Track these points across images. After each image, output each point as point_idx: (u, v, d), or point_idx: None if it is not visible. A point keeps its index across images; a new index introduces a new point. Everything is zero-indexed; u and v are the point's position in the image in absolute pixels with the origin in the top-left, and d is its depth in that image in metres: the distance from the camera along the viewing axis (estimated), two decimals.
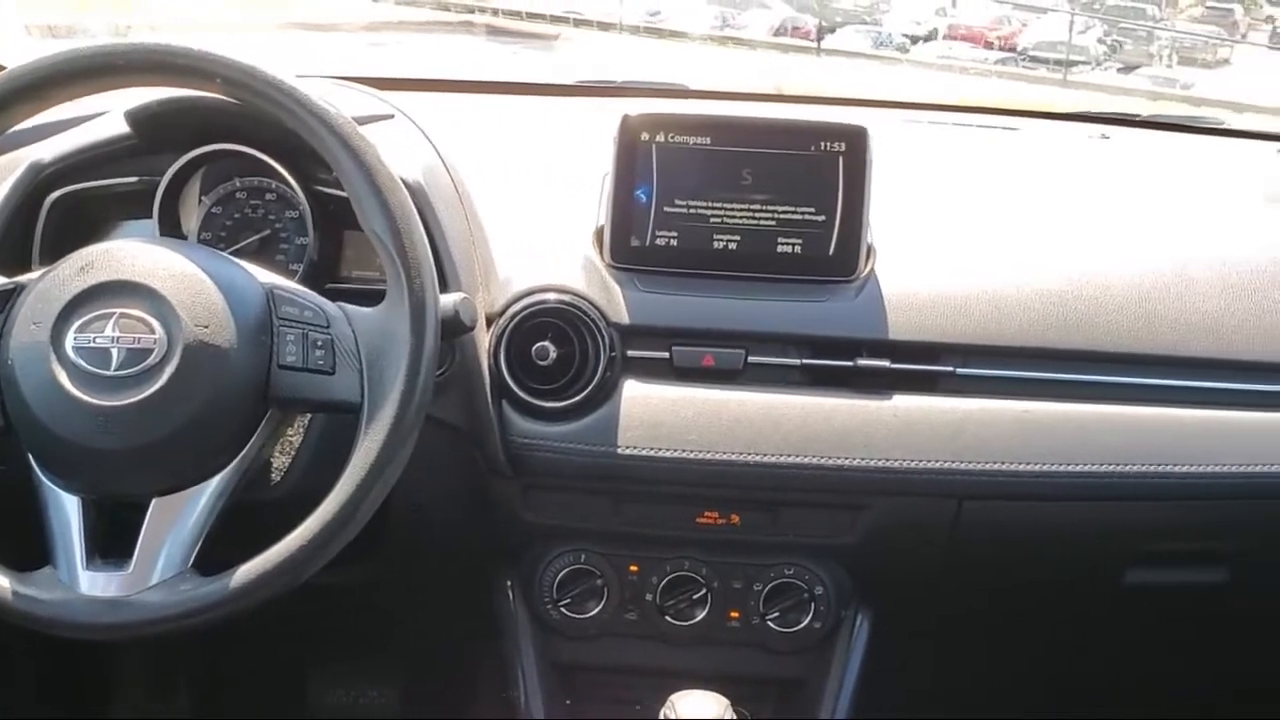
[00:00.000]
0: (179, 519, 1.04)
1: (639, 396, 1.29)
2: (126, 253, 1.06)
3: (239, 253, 1.28)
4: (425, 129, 1.42)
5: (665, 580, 1.38)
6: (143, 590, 1.02)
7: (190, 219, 1.33)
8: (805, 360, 1.31)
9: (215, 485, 1.05)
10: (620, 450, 1.27)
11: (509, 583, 1.43)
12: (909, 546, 1.35)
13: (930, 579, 1.40)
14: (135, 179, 1.31)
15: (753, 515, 1.34)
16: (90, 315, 1.02)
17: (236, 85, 1.08)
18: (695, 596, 1.38)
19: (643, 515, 1.35)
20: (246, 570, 1.02)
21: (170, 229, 1.31)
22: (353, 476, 1.03)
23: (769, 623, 1.38)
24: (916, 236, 1.41)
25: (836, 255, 1.33)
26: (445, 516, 1.38)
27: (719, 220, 1.33)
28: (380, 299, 1.08)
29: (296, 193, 1.30)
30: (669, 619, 1.39)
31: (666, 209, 1.33)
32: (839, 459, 1.27)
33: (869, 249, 1.35)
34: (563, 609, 1.39)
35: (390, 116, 1.41)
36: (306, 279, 1.26)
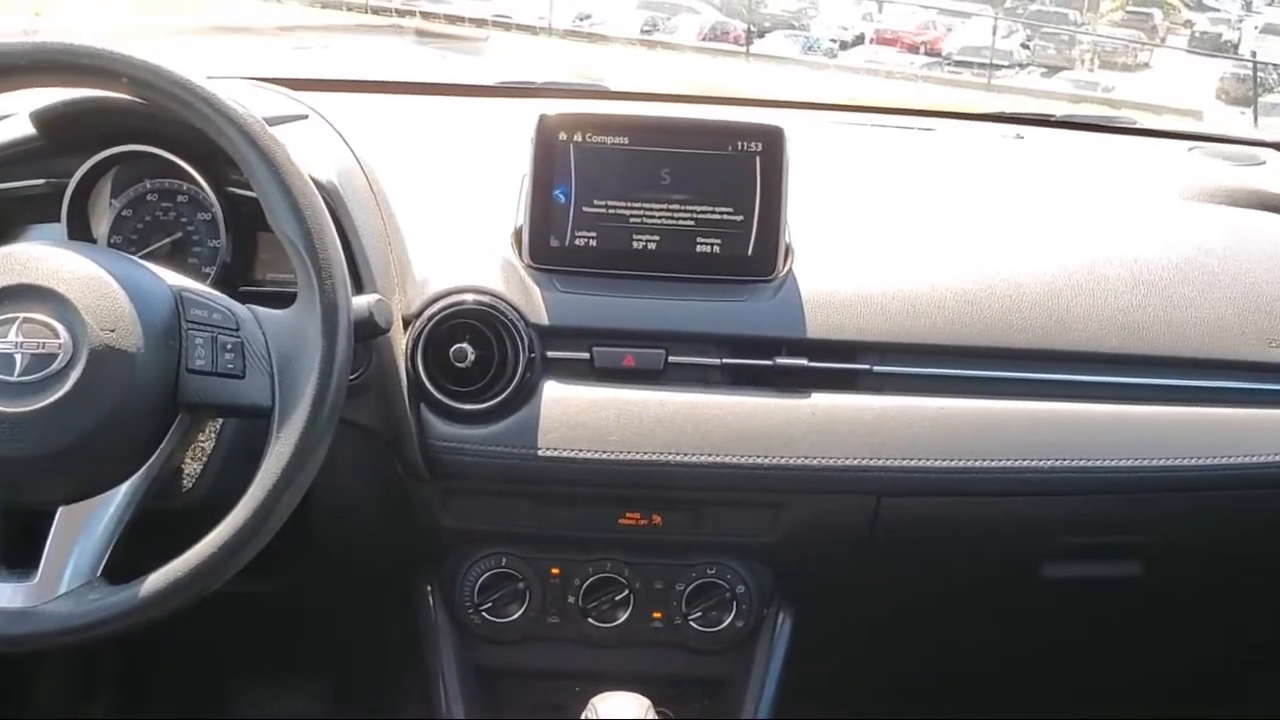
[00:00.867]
0: (86, 527, 1.01)
1: (559, 398, 1.28)
2: (30, 256, 1.04)
3: (150, 256, 1.25)
4: (341, 130, 1.40)
5: (588, 582, 1.38)
6: (50, 600, 0.99)
7: (100, 222, 1.30)
8: (725, 360, 1.31)
9: (124, 493, 1.03)
10: (541, 452, 1.26)
11: (429, 587, 1.42)
12: (829, 544, 1.36)
13: (851, 576, 1.41)
14: (42, 181, 1.28)
15: (674, 515, 1.34)
16: None
17: (143, 85, 1.06)
18: (618, 598, 1.38)
19: (564, 517, 1.34)
20: (156, 579, 0.99)
21: (80, 232, 1.28)
22: (263, 483, 1.01)
23: (691, 623, 1.39)
24: (834, 236, 1.42)
25: (755, 255, 1.33)
26: (364, 522, 1.36)
27: (638, 220, 1.33)
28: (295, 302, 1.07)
29: (208, 195, 1.27)
30: (591, 621, 1.39)
31: (585, 209, 1.32)
32: (759, 458, 1.27)
33: (787, 249, 1.35)
34: (484, 613, 1.38)
35: (304, 117, 1.39)
36: (219, 282, 1.23)
